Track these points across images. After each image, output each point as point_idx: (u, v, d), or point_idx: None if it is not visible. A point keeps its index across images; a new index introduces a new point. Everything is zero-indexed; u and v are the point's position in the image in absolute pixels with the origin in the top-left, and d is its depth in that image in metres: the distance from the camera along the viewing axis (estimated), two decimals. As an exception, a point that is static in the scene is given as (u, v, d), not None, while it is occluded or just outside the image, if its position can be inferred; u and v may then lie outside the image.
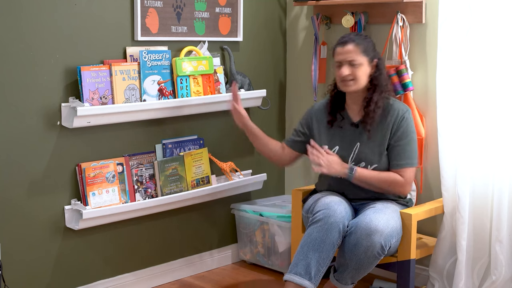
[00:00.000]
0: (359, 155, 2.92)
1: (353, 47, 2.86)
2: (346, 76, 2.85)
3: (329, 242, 2.71)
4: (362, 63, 2.86)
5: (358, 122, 2.94)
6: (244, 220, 3.62)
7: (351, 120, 2.96)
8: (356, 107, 2.95)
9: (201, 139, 3.45)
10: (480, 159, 2.96)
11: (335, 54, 2.91)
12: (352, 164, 2.92)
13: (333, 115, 3.00)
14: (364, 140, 2.91)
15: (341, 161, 2.89)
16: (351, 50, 2.85)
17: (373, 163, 2.90)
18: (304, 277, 2.68)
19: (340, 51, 2.88)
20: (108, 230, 3.14)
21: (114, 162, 3.08)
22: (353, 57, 2.85)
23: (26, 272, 2.90)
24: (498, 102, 2.89)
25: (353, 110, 2.97)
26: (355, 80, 2.86)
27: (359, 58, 2.85)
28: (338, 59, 2.89)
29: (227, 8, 3.49)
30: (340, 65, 2.88)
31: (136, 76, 3.10)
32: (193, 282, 3.45)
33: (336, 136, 2.98)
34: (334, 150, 2.96)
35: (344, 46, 2.87)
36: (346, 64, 2.86)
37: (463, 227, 2.96)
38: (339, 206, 2.77)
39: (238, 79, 3.49)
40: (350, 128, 2.95)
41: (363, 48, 2.87)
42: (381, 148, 2.90)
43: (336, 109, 3.00)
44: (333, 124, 2.99)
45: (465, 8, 2.93)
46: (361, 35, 2.93)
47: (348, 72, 2.85)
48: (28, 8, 2.79)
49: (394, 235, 2.74)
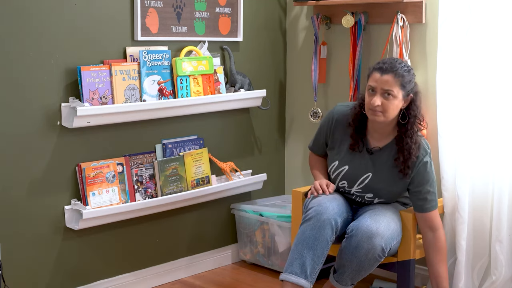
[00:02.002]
0: (369, 186, 2.84)
1: (392, 78, 2.67)
2: (376, 106, 2.70)
3: (322, 240, 2.70)
4: (396, 96, 2.68)
5: (374, 150, 2.84)
6: (244, 220, 3.62)
7: (368, 146, 2.85)
8: (377, 134, 2.83)
9: (201, 139, 3.45)
10: (480, 159, 2.96)
11: (371, 78, 2.72)
12: (358, 189, 2.87)
13: (355, 140, 2.85)
14: (377, 173, 2.83)
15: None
16: (389, 81, 2.67)
17: (381, 197, 2.86)
18: (300, 275, 2.68)
19: (377, 78, 2.68)
20: (108, 230, 3.14)
21: (114, 162, 3.08)
22: (389, 89, 2.67)
23: (26, 272, 2.90)
24: (498, 102, 2.89)
25: (373, 136, 2.84)
26: (384, 112, 2.69)
27: (395, 91, 2.67)
28: (373, 85, 2.70)
29: (227, 8, 3.49)
30: (373, 92, 2.70)
31: (136, 76, 3.10)
32: (193, 282, 3.45)
33: (349, 156, 2.88)
34: (343, 169, 2.89)
35: (383, 75, 2.67)
36: (379, 93, 2.68)
37: (462, 227, 2.96)
38: (332, 202, 2.76)
39: (238, 79, 3.49)
40: (365, 153, 2.85)
41: (402, 82, 2.68)
42: (394, 186, 2.83)
43: (360, 134, 2.85)
44: (354, 148, 2.87)
45: (465, 8, 2.93)
46: (404, 66, 2.71)
47: (379, 103, 2.67)
48: (28, 8, 2.79)
49: (394, 237, 2.73)
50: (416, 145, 2.74)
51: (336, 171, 2.91)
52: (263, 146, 3.82)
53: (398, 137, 2.78)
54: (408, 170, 2.76)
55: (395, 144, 2.79)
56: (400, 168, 2.77)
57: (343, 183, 2.90)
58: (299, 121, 3.84)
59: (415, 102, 2.75)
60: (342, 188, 2.93)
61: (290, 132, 3.91)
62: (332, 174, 2.94)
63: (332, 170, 2.94)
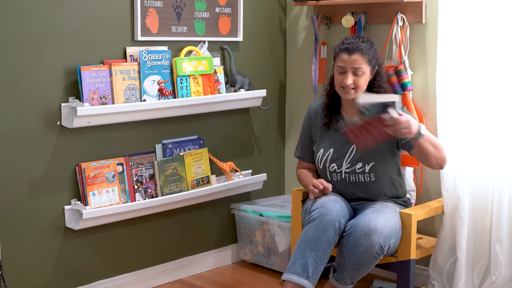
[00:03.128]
0: (355, 156, 2.92)
1: (359, 56, 2.83)
2: (349, 85, 2.83)
3: (325, 241, 2.71)
4: (365, 72, 2.85)
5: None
6: (244, 220, 3.62)
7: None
8: (351, 110, 2.92)
9: (201, 139, 3.45)
10: (480, 159, 2.96)
11: (339, 59, 2.87)
12: (348, 165, 2.92)
13: (329, 117, 3.00)
14: None
15: (417, 121, 2.69)
16: (357, 60, 2.83)
17: (370, 161, 2.90)
18: (302, 276, 2.69)
19: (346, 59, 2.84)
20: (108, 230, 3.14)
21: (114, 162, 3.08)
22: (358, 67, 2.83)
23: (26, 272, 2.90)
24: (498, 102, 2.89)
25: (347, 112, 2.96)
26: (356, 88, 2.85)
27: (363, 68, 2.84)
28: (342, 66, 2.85)
29: (227, 8, 3.49)
30: (343, 72, 2.85)
31: (136, 76, 3.10)
32: (193, 282, 3.45)
33: (331, 139, 2.99)
34: (329, 153, 2.96)
35: (350, 55, 2.83)
36: (350, 72, 2.84)
37: (463, 227, 2.96)
38: (335, 204, 2.78)
39: (238, 79, 3.49)
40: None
41: (369, 58, 2.85)
42: (378, 147, 2.88)
43: (332, 112, 3.00)
44: (330, 126, 2.99)
45: (465, 8, 2.93)
46: (366, 41, 2.88)
47: (351, 82, 2.83)
48: (28, 8, 2.79)
49: (393, 235, 2.74)
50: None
51: (323, 158, 2.98)
52: (263, 146, 3.82)
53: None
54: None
55: None
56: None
57: (333, 166, 2.96)
58: (299, 121, 3.84)
59: (380, 73, 2.93)
60: (334, 174, 2.96)
61: (290, 132, 3.92)
62: (320, 163, 3.00)
63: (319, 159, 3.00)
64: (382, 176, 2.93)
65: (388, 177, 2.95)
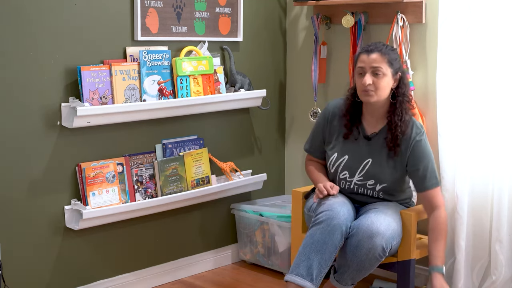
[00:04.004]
0: (369, 172, 2.86)
1: (379, 56, 2.75)
2: (368, 85, 2.75)
3: (331, 244, 2.70)
4: (386, 73, 2.75)
5: (371, 136, 2.87)
6: (244, 220, 3.62)
7: (365, 133, 2.89)
8: (372, 119, 2.87)
9: (201, 139, 3.45)
10: (480, 159, 2.96)
11: (359, 61, 2.80)
12: (360, 178, 2.87)
13: (349, 129, 2.90)
14: (376, 158, 2.85)
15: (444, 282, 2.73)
16: (376, 59, 2.75)
17: (382, 182, 2.86)
18: (306, 278, 2.68)
19: (365, 59, 2.77)
20: (108, 230, 3.14)
21: (114, 162, 3.08)
22: (377, 66, 2.74)
23: (26, 272, 2.90)
24: (498, 102, 2.89)
25: (368, 122, 2.89)
26: (377, 90, 2.75)
27: (383, 68, 2.74)
28: (361, 66, 2.77)
29: (227, 8, 3.49)
30: (363, 73, 2.77)
31: (136, 76, 3.10)
32: (193, 282, 3.45)
33: (347, 146, 2.91)
34: (343, 159, 2.91)
35: (369, 54, 2.76)
36: (369, 72, 2.76)
37: (462, 227, 2.96)
38: (342, 207, 2.76)
39: (238, 79, 3.49)
40: (363, 140, 2.88)
41: (389, 59, 2.76)
42: (393, 169, 2.84)
43: (354, 122, 2.89)
44: (349, 136, 2.91)
45: (465, 8, 2.93)
46: (388, 46, 2.82)
47: (370, 81, 2.74)
48: (28, 8, 2.79)
49: (395, 237, 2.73)
50: (404, 122, 2.78)
51: (336, 163, 2.92)
52: (263, 146, 3.82)
53: (389, 118, 2.82)
54: (398, 148, 2.79)
55: (387, 125, 2.83)
56: (389, 146, 2.81)
57: (344, 174, 2.91)
58: (299, 121, 3.84)
59: (403, 80, 2.82)
60: (343, 181, 2.93)
61: (290, 132, 3.92)
62: (332, 167, 2.95)
63: (331, 163, 2.94)
64: (391, 194, 2.91)
65: (396, 193, 2.93)
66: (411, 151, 2.80)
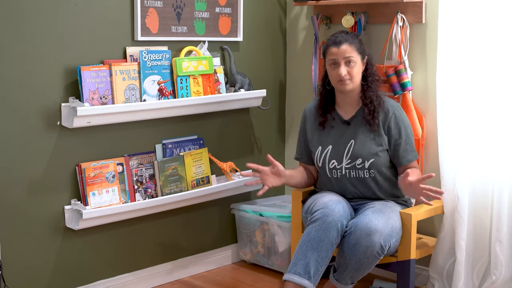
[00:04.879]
0: (354, 152, 2.93)
1: (348, 46, 2.88)
2: (344, 76, 2.86)
3: (327, 241, 2.71)
4: (356, 61, 2.89)
5: (349, 120, 2.97)
6: (244, 220, 3.62)
7: (343, 119, 2.98)
8: (348, 105, 2.98)
9: (201, 139, 3.45)
10: (480, 159, 2.96)
11: (329, 53, 2.91)
12: (348, 161, 2.93)
13: (324, 116, 3.02)
14: (359, 137, 2.93)
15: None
16: (347, 50, 2.87)
17: (369, 158, 2.91)
18: (303, 276, 2.69)
19: (336, 51, 2.88)
20: (108, 230, 3.14)
21: (114, 162, 3.08)
22: (349, 56, 2.87)
23: (26, 272, 2.90)
24: (498, 102, 2.89)
25: (344, 108, 2.99)
26: (352, 78, 2.88)
27: (354, 57, 2.88)
28: (333, 58, 2.89)
29: (227, 8, 3.49)
30: (336, 65, 2.89)
31: (136, 76, 3.10)
32: (193, 282, 3.45)
33: (329, 137, 3.00)
34: (327, 150, 2.97)
35: (339, 46, 2.88)
36: (342, 63, 2.87)
37: (462, 227, 2.96)
38: (337, 205, 2.78)
39: (238, 79, 3.49)
40: (342, 126, 2.98)
41: (356, 47, 2.90)
42: (375, 144, 2.91)
43: (327, 110, 3.02)
44: (325, 125, 3.01)
45: (465, 8, 2.93)
46: (351, 33, 2.95)
47: (345, 72, 2.86)
48: (28, 8, 2.79)
49: (393, 235, 2.74)
50: (378, 96, 2.93)
51: (322, 154, 3.00)
52: (263, 146, 3.82)
53: (363, 96, 2.94)
54: (376, 120, 2.91)
55: (362, 104, 2.95)
56: (367, 119, 2.91)
57: (333, 162, 2.97)
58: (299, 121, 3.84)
59: (370, 61, 2.98)
60: (334, 171, 2.97)
61: (290, 132, 3.92)
62: (319, 161, 3.01)
63: (318, 157, 3.02)
64: (382, 171, 2.93)
65: (388, 175, 2.95)
66: (391, 122, 2.91)
